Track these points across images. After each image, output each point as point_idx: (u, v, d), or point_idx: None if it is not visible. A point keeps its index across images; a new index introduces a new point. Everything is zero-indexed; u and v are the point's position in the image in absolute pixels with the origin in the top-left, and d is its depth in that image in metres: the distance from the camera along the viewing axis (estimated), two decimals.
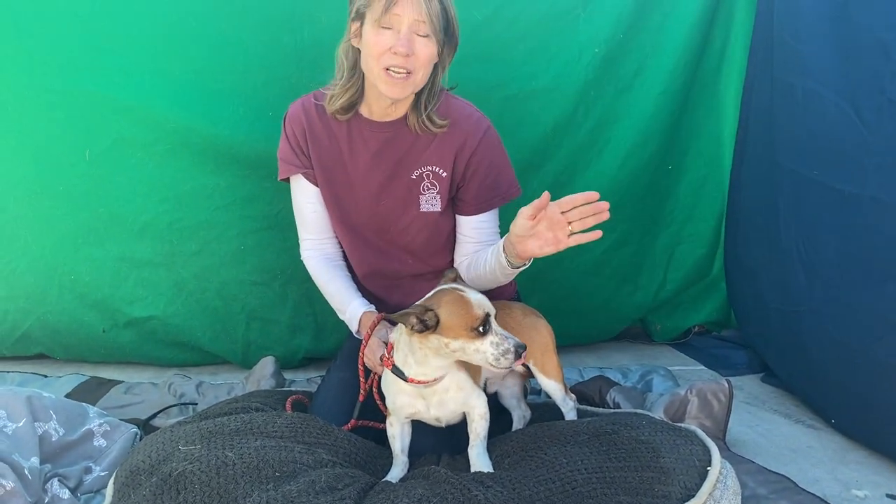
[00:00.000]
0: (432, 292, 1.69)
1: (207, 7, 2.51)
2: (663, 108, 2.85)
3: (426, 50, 1.82)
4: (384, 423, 1.86)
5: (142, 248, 2.67)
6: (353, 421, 1.93)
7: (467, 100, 2.04)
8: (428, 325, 1.60)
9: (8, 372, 2.75)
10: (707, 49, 2.89)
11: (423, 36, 1.81)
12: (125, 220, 2.64)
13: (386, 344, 1.84)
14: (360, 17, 1.84)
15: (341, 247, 2.18)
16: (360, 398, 1.94)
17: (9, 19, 2.47)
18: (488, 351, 1.59)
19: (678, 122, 2.92)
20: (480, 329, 1.58)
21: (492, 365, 1.61)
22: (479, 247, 2.02)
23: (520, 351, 1.60)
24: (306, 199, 2.11)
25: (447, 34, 1.88)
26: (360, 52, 1.90)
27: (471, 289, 1.67)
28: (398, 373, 1.70)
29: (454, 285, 1.68)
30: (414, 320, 1.59)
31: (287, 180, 2.14)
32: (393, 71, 1.80)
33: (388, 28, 1.79)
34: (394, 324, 1.86)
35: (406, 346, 1.68)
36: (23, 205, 2.62)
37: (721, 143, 3.00)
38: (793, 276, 2.43)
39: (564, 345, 2.00)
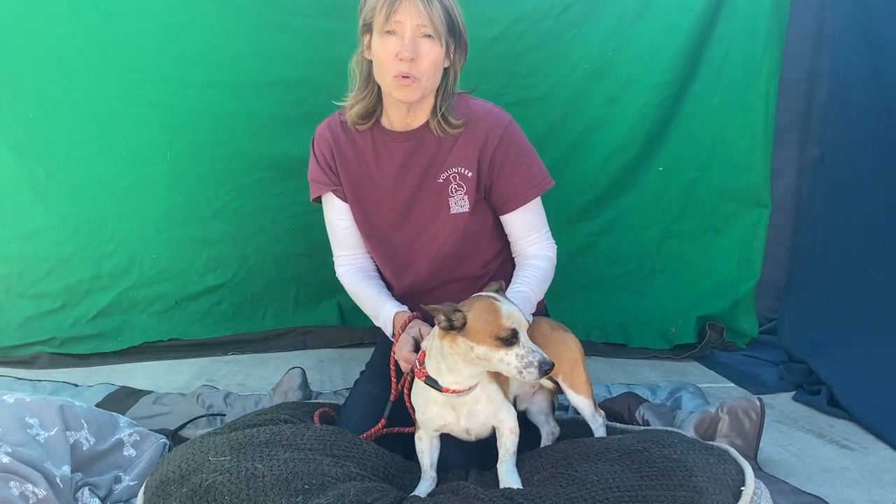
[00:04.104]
0: (471, 297, 1.68)
1: (263, 30, 3.05)
2: (645, 117, 3.24)
3: (431, 52, 1.85)
4: (413, 426, 1.85)
5: (213, 230, 3.28)
6: (383, 420, 1.92)
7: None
8: (454, 325, 1.59)
9: (40, 380, 2.80)
10: (701, 67, 3.23)
11: (428, 37, 1.84)
12: (200, 208, 3.25)
13: (416, 342, 1.84)
14: (369, 28, 1.89)
15: (375, 261, 2.20)
16: (392, 398, 1.93)
17: (106, 48, 3.03)
18: (512, 362, 1.58)
19: (665, 130, 3.28)
20: (505, 339, 1.58)
21: (515, 377, 1.60)
22: (530, 240, 2.09)
23: (545, 367, 1.57)
24: (338, 217, 2.14)
25: (453, 35, 1.91)
26: (372, 63, 1.94)
27: (509, 301, 1.66)
28: (432, 383, 1.69)
29: (493, 294, 1.67)
30: (442, 317, 1.60)
31: (318, 200, 2.17)
32: (402, 76, 1.84)
33: (393, 34, 1.83)
34: (426, 321, 1.87)
35: (438, 352, 1.67)
36: (113, 197, 3.18)
37: (714, 151, 3.30)
38: None
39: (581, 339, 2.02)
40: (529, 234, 2.09)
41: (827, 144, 3.02)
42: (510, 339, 1.58)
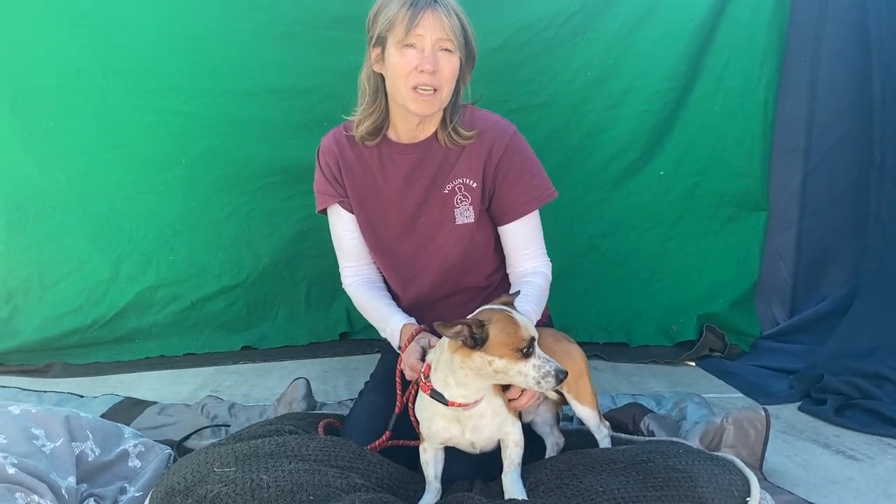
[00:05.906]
0: (478, 310, 1.67)
1: (273, 40, 3.18)
2: (646, 123, 3.36)
3: (450, 65, 1.87)
4: (417, 440, 1.85)
5: (227, 232, 3.42)
6: (387, 433, 1.91)
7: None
8: (477, 340, 1.59)
9: (45, 391, 2.81)
10: (702, 75, 3.35)
11: (446, 51, 1.86)
12: (214, 211, 3.39)
13: (424, 351, 1.83)
14: (382, 41, 1.89)
15: (381, 272, 2.20)
16: (397, 410, 1.93)
17: (123, 59, 3.16)
18: (530, 373, 1.59)
19: (666, 136, 3.40)
20: (524, 351, 1.58)
21: (532, 387, 1.60)
22: (526, 254, 2.08)
23: (560, 376, 1.59)
24: (344, 228, 2.15)
25: (467, 48, 1.93)
26: (381, 77, 1.95)
27: (518, 312, 1.67)
28: (437, 396, 1.68)
29: (503, 307, 1.67)
30: (467, 332, 1.58)
31: (324, 212, 2.17)
32: (421, 89, 1.84)
33: (412, 47, 1.84)
34: (435, 334, 1.86)
35: (447, 365, 1.66)
36: (129, 202, 3.32)
37: (714, 157, 3.42)
38: None
39: (583, 341, 2.02)
40: (526, 247, 2.08)
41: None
42: (528, 350, 1.58)
